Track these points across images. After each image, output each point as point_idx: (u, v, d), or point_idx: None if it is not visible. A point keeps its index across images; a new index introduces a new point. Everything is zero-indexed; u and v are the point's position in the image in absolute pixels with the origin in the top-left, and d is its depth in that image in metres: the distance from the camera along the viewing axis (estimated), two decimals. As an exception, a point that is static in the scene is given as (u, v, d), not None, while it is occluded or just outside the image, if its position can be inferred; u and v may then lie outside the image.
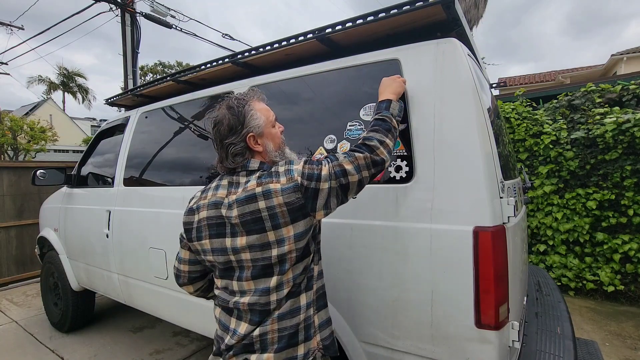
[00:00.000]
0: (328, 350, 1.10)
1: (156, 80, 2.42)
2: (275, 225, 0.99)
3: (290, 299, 1.03)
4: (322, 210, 1.03)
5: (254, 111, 1.10)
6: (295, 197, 0.99)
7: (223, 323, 1.07)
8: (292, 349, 1.01)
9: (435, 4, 1.29)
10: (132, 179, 2.45)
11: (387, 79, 1.31)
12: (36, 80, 27.65)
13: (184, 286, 1.26)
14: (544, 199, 3.91)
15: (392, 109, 1.21)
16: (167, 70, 25.04)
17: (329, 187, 1.02)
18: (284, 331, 1.01)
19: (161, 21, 7.35)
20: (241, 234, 1.01)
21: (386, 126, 1.16)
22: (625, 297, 3.59)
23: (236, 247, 1.02)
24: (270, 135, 1.14)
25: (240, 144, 1.08)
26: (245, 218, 1.00)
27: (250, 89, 1.23)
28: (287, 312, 1.02)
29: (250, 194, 1.01)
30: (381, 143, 1.11)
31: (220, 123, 1.09)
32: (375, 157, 1.08)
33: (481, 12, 8.08)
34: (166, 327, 3.22)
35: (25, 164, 5.16)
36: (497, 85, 11.03)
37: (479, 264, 1.14)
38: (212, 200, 1.08)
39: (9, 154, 17.10)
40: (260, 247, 1.00)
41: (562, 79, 12.95)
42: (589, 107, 3.95)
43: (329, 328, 1.13)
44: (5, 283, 4.61)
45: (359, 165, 1.06)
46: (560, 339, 1.59)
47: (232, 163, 1.09)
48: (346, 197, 1.08)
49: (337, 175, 1.03)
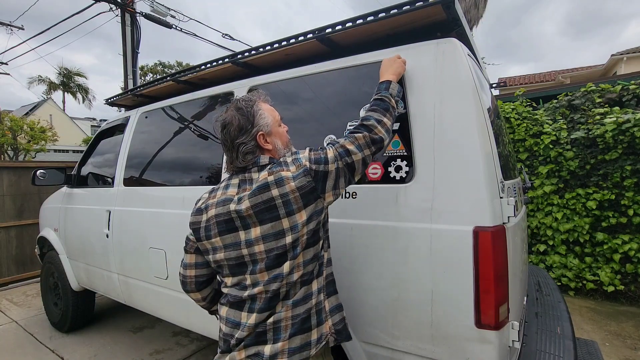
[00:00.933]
0: (340, 334, 1.12)
1: (156, 80, 2.42)
2: (289, 212, 1.01)
3: (303, 286, 1.05)
4: (331, 191, 1.07)
5: (262, 111, 1.14)
6: (306, 180, 1.03)
7: (232, 320, 1.07)
8: (306, 334, 1.04)
9: (435, 4, 1.29)
10: (132, 179, 2.45)
11: (388, 60, 1.33)
12: (36, 80, 27.67)
13: (191, 293, 1.27)
14: (544, 199, 3.91)
15: (392, 90, 1.25)
16: (167, 70, 25.03)
17: (337, 168, 1.07)
18: (297, 317, 1.03)
19: (161, 21, 7.35)
20: (254, 225, 1.03)
21: (384, 105, 1.19)
22: (625, 297, 3.59)
23: (250, 239, 1.03)
24: (278, 133, 1.18)
25: (251, 143, 1.11)
26: (258, 208, 1.02)
27: (255, 91, 1.25)
28: (301, 299, 1.04)
29: (262, 183, 1.03)
30: (379, 122, 1.14)
31: (230, 124, 1.11)
32: (373, 136, 1.12)
33: (481, 12, 8.08)
34: (166, 327, 3.22)
35: (25, 164, 5.16)
36: (497, 85, 11.02)
37: (479, 264, 1.14)
38: (222, 198, 1.10)
39: (9, 154, 17.10)
40: (274, 236, 1.02)
41: (562, 79, 12.95)
42: (589, 107, 3.95)
43: (340, 313, 1.15)
44: (5, 283, 4.61)
45: (360, 145, 1.10)
46: (560, 339, 1.59)
47: (242, 162, 1.11)
48: (353, 176, 1.12)
49: (342, 155, 1.08)
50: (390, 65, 1.31)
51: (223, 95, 2.02)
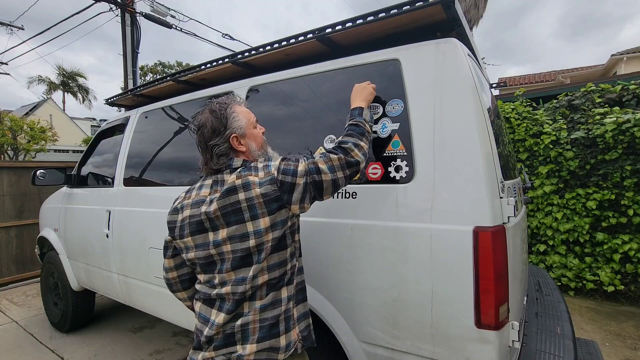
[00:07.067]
0: (307, 340, 1.15)
1: (156, 80, 2.42)
2: (254, 216, 1.04)
3: (272, 291, 1.07)
4: (297, 204, 1.08)
5: (236, 113, 1.17)
6: (271, 189, 1.05)
7: (203, 316, 1.10)
8: (275, 339, 1.06)
9: (435, 4, 1.29)
10: (132, 179, 2.45)
11: (358, 86, 1.38)
12: (36, 80, 27.67)
13: (178, 293, 1.33)
14: (544, 199, 3.91)
15: (365, 115, 1.28)
16: (167, 70, 25.03)
17: (305, 183, 1.08)
18: (265, 322, 1.05)
19: (161, 21, 7.35)
20: (222, 227, 1.06)
21: (360, 130, 1.22)
22: (625, 297, 3.59)
23: (218, 240, 1.06)
24: (252, 135, 1.20)
25: (224, 145, 1.14)
26: (225, 210, 1.05)
27: (230, 94, 1.29)
28: (269, 304, 1.06)
29: (230, 186, 1.06)
30: (356, 146, 1.17)
31: (204, 126, 1.15)
32: (349, 159, 1.14)
33: (481, 12, 8.08)
34: (166, 327, 3.22)
35: (25, 164, 5.16)
36: (497, 85, 11.01)
37: (479, 263, 1.14)
38: (195, 199, 1.14)
39: (9, 154, 17.10)
40: (239, 238, 1.04)
41: (562, 79, 12.95)
42: (589, 107, 3.95)
43: (306, 321, 1.18)
44: (5, 283, 4.61)
45: (333, 166, 1.11)
46: (560, 339, 1.59)
47: (216, 164, 1.15)
48: (321, 196, 1.13)
49: (311, 172, 1.09)
50: (360, 92, 1.35)
51: (223, 95, 2.02)
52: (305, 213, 1.18)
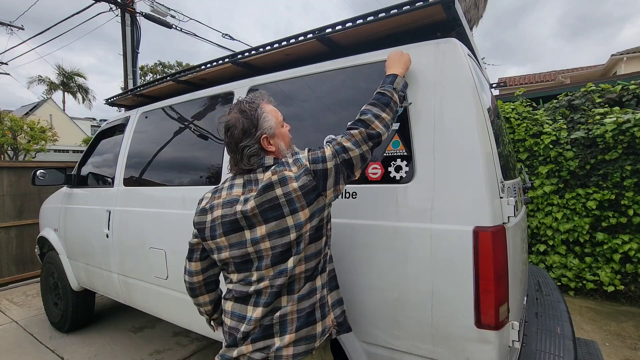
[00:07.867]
0: (342, 327, 1.17)
1: (156, 80, 2.42)
2: (293, 210, 1.03)
3: (308, 282, 1.08)
4: (332, 188, 1.09)
5: (266, 113, 1.15)
6: (307, 180, 1.05)
7: (237, 314, 1.09)
8: (311, 327, 1.08)
9: (435, 4, 1.29)
10: (132, 179, 2.45)
11: (395, 53, 1.32)
12: (36, 80, 27.65)
13: (199, 297, 1.29)
14: (544, 199, 3.91)
15: (397, 84, 1.23)
16: (167, 70, 25.02)
17: (335, 165, 1.08)
18: (302, 311, 1.06)
19: (161, 21, 7.35)
20: (259, 224, 1.05)
21: (385, 100, 1.18)
22: (625, 297, 3.59)
23: (256, 238, 1.05)
24: (281, 135, 1.19)
25: (255, 146, 1.12)
26: (263, 207, 1.04)
27: (258, 92, 1.25)
28: (306, 294, 1.08)
29: (267, 182, 1.05)
30: (376, 117, 1.14)
31: (234, 127, 1.12)
32: (370, 131, 1.12)
33: (481, 12, 8.09)
34: (166, 327, 3.22)
35: (25, 164, 5.16)
36: (497, 85, 11.01)
37: (479, 263, 1.14)
38: (227, 199, 1.11)
39: (9, 154, 17.09)
40: (279, 233, 1.04)
41: (562, 79, 12.95)
42: (589, 107, 3.95)
43: (340, 307, 1.20)
44: (5, 283, 4.61)
45: (357, 141, 1.11)
46: (560, 339, 1.59)
47: (247, 164, 1.13)
48: (352, 172, 1.14)
49: (339, 152, 1.09)
50: (398, 59, 1.29)
51: (223, 95, 2.02)
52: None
